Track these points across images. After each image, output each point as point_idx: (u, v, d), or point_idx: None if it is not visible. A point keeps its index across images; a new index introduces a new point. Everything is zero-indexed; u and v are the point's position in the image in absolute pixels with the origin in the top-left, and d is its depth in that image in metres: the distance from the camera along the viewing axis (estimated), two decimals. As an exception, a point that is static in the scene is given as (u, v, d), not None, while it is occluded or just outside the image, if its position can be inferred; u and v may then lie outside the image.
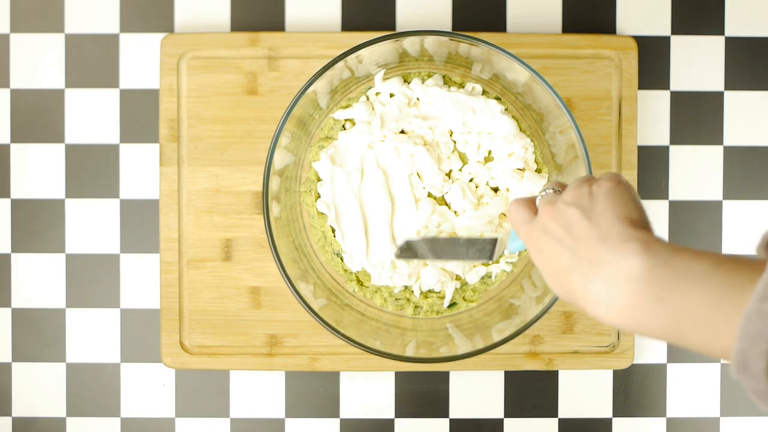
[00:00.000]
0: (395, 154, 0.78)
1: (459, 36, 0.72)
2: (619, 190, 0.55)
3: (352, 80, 0.79)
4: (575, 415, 0.88)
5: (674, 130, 0.88)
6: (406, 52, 0.76)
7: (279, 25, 0.87)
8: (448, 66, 0.80)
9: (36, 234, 0.87)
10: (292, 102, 0.72)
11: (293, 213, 0.81)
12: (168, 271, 0.85)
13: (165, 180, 0.85)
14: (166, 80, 0.85)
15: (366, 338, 0.75)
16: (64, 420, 0.87)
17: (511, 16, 0.87)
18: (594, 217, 0.54)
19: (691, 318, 0.46)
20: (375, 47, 0.72)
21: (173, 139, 0.85)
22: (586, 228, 0.53)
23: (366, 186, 0.79)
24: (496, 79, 0.79)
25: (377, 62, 0.77)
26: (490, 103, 0.78)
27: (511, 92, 0.79)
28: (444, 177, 0.79)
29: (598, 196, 0.55)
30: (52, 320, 0.87)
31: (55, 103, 0.87)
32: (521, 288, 0.80)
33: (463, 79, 0.81)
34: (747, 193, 0.87)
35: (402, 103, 0.79)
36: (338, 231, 0.80)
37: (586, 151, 0.72)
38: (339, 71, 0.74)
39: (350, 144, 0.79)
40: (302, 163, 0.81)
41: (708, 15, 0.88)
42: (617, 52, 0.85)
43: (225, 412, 0.87)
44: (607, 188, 0.55)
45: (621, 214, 0.53)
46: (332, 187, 0.79)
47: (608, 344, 0.85)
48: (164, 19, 0.87)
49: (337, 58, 0.72)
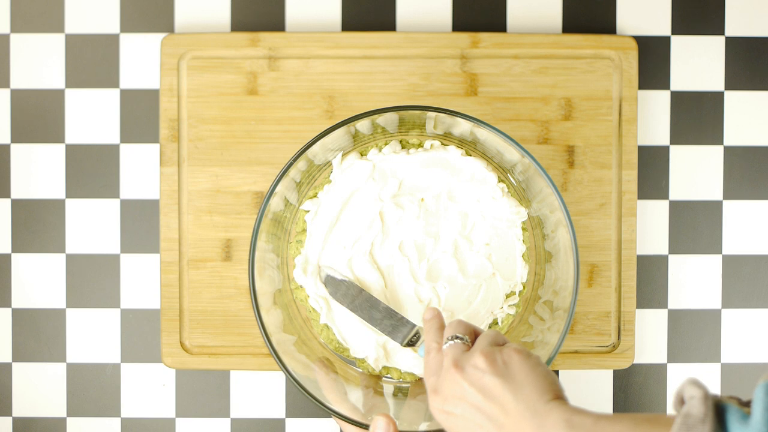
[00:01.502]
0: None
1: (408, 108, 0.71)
2: (534, 362, 0.59)
3: (314, 168, 0.77)
4: (575, 415, 0.88)
5: (674, 130, 0.88)
6: (358, 132, 0.75)
7: (279, 25, 0.87)
8: (402, 130, 0.79)
9: (36, 234, 0.87)
10: (261, 209, 0.71)
11: (291, 311, 0.79)
12: (168, 271, 0.85)
13: (165, 180, 0.85)
14: (167, 80, 0.85)
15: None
16: (64, 420, 0.87)
17: (511, 16, 0.87)
18: (518, 391, 0.57)
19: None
20: (327, 138, 0.71)
21: (173, 139, 0.85)
22: (512, 401, 0.57)
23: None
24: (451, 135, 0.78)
25: (333, 148, 0.76)
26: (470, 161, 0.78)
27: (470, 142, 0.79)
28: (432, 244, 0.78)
29: (514, 368, 0.58)
30: (52, 320, 0.87)
31: (55, 103, 0.87)
32: (529, 326, 0.79)
33: (419, 139, 0.80)
34: (747, 193, 0.88)
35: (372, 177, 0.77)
36: (334, 327, 0.78)
37: (571, 225, 0.71)
38: (296, 170, 0.73)
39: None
40: (286, 261, 0.80)
41: (708, 15, 0.88)
42: (617, 52, 0.85)
43: (225, 412, 0.87)
44: (522, 361, 0.59)
45: (543, 388, 0.57)
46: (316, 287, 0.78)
47: (609, 344, 0.85)
48: (164, 19, 0.87)
49: (290, 160, 0.71)
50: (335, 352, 0.79)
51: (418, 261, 0.77)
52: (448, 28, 0.87)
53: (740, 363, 0.88)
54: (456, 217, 0.77)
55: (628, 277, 0.85)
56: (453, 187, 0.77)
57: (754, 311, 0.88)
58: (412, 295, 0.77)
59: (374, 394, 0.76)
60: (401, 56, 0.85)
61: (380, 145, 0.78)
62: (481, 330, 0.65)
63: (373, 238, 0.77)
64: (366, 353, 0.77)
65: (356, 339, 0.77)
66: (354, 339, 0.77)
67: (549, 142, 0.85)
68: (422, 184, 0.77)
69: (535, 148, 0.85)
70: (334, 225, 0.77)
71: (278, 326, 0.74)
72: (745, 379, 0.88)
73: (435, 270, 0.77)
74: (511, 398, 0.57)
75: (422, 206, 0.77)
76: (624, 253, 0.85)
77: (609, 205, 0.85)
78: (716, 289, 0.88)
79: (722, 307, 0.88)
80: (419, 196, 0.77)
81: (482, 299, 0.77)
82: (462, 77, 0.85)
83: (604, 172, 0.85)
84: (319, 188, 0.78)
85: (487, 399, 0.58)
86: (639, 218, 0.86)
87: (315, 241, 0.77)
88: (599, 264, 0.85)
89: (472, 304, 0.77)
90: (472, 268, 0.77)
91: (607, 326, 0.86)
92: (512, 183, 0.79)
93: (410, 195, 0.77)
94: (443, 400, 0.61)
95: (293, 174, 0.73)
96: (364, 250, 0.77)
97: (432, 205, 0.77)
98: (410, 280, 0.77)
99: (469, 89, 0.85)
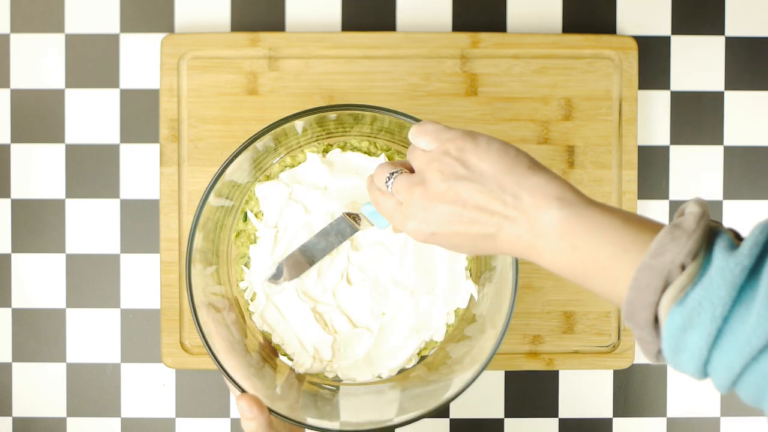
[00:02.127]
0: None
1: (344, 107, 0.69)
2: (504, 145, 0.57)
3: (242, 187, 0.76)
4: (575, 415, 0.88)
5: (674, 130, 0.88)
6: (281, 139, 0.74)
7: (279, 25, 0.87)
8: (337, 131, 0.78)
9: (36, 234, 0.87)
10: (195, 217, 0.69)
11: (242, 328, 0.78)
12: (168, 271, 0.85)
13: (165, 180, 0.85)
14: (167, 80, 0.85)
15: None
16: (64, 420, 0.87)
17: (511, 16, 0.87)
18: (510, 173, 0.55)
19: (597, 266, 0.51)
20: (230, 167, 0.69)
21: (173, 139, 0.85)
22: (510, 181, 0.55)
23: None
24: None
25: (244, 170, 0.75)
26: None
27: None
28: None
29: (489, 155, 0.56)
30: (52, 320, 0.87)
31: (55, 103, 0.87)
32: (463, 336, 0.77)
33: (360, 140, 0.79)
34: (747, 193, 0.88)
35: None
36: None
37: None
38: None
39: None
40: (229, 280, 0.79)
41: (708, 15, 0.88)
42: (617, 52, 0.85)
43: (225, 412, 0.87)
44: (493, 146, 0.57)
45: (530, 166, 0.56)
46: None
47: (608, 344, 0.86)
48: (164, 19, 0.87)
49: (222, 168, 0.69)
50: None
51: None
52: (448, 28, 0.87)
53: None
54: None
55: (628, 277, 0.85)
56: None
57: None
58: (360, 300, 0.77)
59: (291, 382, 0.75)
60: (401, 56, 0.85)
61: (299, 159, 0.77)
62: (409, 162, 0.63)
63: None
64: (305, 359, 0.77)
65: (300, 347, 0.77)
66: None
67: (549, 142, 0.85)
68: (346, 188, 0.77)
69: (535, 148, 0.85)
70: (273, 248, 0.77)
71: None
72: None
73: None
74: (509, 180, 0.55)
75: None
76: (624, 253, 0.85)
77: (609, 205, 0.85)
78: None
79: (722, 307, 0.88)
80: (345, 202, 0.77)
81: None
82: (462, 77, 0.85)
83: (604, 172, 0.85)
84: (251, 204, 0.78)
85: (480, 181, 0.56)
86: (639, 218, 0.86)
87: (258, 264, 0.77)
88: (599, 264, 0.85)
89: None
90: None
91: (607, 326, 0.86)
92: None
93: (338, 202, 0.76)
94: (422, 216, 0.58)
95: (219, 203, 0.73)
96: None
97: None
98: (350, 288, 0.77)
99: (469, 89, 0.85)
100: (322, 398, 0.75)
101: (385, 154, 0.77)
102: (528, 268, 0.85)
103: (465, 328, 0.77)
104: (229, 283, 0.77)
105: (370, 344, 0.76)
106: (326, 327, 0.76)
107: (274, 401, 0.68)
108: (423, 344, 0.78)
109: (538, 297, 0.85)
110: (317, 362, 0.77)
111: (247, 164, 0.73)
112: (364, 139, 0.78)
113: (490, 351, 0.68)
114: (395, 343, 0.77)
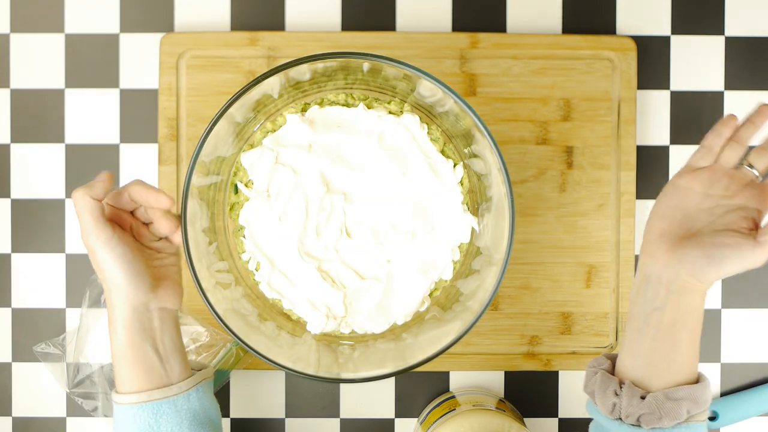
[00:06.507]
0: None
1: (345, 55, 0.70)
2: None
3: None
4: (575, 415, 0.88)
5: (674, 130, 0.87)
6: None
7: (279, 25, 0.87)
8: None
9: (36, 234, 0.87)
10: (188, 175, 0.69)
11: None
12: (167, 271, 0.85)
13: (164, 179, 0.85)
14: (166, 79, 0.85)
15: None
16: (64, 420, 0.88)
17: (511, 16, 0.87)
18: None
19: None
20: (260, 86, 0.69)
21: (172, 138, 0.85)
22: None
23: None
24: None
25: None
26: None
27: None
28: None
29: None
30: (52, 320, 0.87)
31: (55, 103, 0.87)
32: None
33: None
34: (747, 194, 0.87)
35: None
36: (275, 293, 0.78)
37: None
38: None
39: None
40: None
41: (708, 15, 0.87)
42: (616, 52, 0.85)
43: (225, 412, 0.87)
44: None
45: None
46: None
47: (607, 345, 0.86)
48: (164, 18, 0.87)
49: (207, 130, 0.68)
50: None
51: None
52: (447, 29, 0.87)
53: (740, 363, 0.88)
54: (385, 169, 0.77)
55: (627, 278, 0.85)
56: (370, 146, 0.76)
57: (754, 311, 0.88)
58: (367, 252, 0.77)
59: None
60: (401, 56, 0.85)
61: (279, 123, 0.77)
62: None
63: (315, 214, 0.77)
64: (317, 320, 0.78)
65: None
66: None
67: (548, 143, 0.85)
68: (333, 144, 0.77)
69: (534, 149, 0.85)
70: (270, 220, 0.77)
71: None
72: (745, 379, 0.88)
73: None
74: None
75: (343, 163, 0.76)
76: (622, 254, 0.85)
77: (607, 206, 0.85)
78: (716, 289, 0.88)
79: (722, 307, 0.88)
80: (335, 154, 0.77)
81: None
82: (461, 77, 0.85)
83: (603, 173, 0.85)
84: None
85: None
86: (638, 219, 0.86)
87: (257, 235, 0.77)
88: (597, 265, 0.85)
89: None
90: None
91: (605, 327, 0.86)
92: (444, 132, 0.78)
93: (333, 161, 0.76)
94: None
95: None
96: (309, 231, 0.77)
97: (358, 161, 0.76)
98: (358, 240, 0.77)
99: (468, 89, 0.85)
100: (342, 354, 0.76)
101: (363, 103, 0.77)
102: (526, 268, 0.85)
103: (471, 262, 0.78)
104: (231, 258, 0.78)
105: (381, 293, 0.77)
106: (334, 284, 0.77)
107: (296, 362, 0.70)
108: (433, 285, 0.78)
109: (535, 298, 0.85)
110: (331, 320, 0.77)
111: (230, 137, 0.73)
112: (340, 92, 0.78)
113: (497, 276, 0.69)
114: (405, 288, 0.77)
